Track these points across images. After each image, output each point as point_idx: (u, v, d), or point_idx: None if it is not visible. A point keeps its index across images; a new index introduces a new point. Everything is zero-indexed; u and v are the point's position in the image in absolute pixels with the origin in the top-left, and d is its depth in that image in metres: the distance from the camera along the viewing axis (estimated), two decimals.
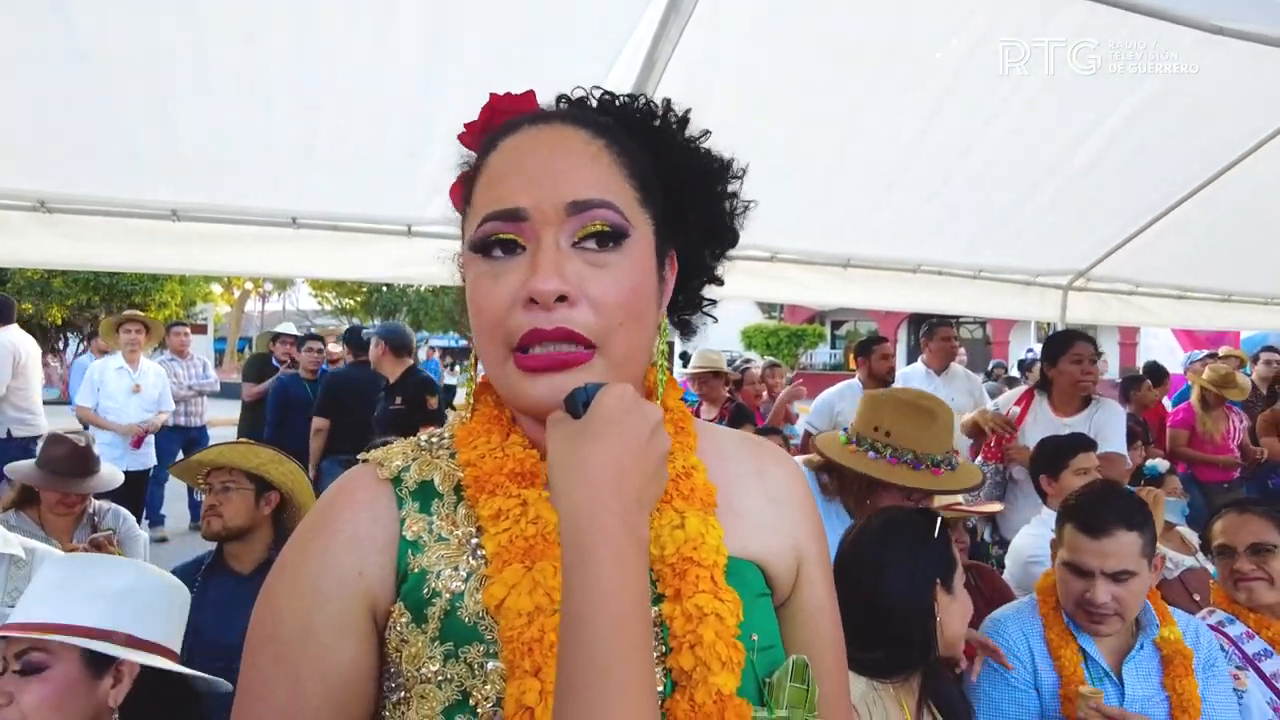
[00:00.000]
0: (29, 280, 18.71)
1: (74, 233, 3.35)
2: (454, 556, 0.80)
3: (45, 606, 1.55)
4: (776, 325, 28.97)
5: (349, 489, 0.85)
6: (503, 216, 0.78)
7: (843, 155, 3.52)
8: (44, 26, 2.42)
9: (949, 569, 1.82)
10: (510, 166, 0.81)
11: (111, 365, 6.37)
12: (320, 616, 0.77)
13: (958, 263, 4.65)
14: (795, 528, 0.93)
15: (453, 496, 0.84)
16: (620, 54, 2.79)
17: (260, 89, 2.78)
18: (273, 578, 0.82)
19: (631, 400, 0.73)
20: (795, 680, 0.81)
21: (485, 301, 0.79)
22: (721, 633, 0.76)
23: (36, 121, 2.86)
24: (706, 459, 0.90)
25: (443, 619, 0.77)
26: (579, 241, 0.78)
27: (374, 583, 0.79)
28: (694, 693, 0.74)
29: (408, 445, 0.90)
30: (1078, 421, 3.66)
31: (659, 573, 0.80)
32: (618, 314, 0.78)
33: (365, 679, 0.79)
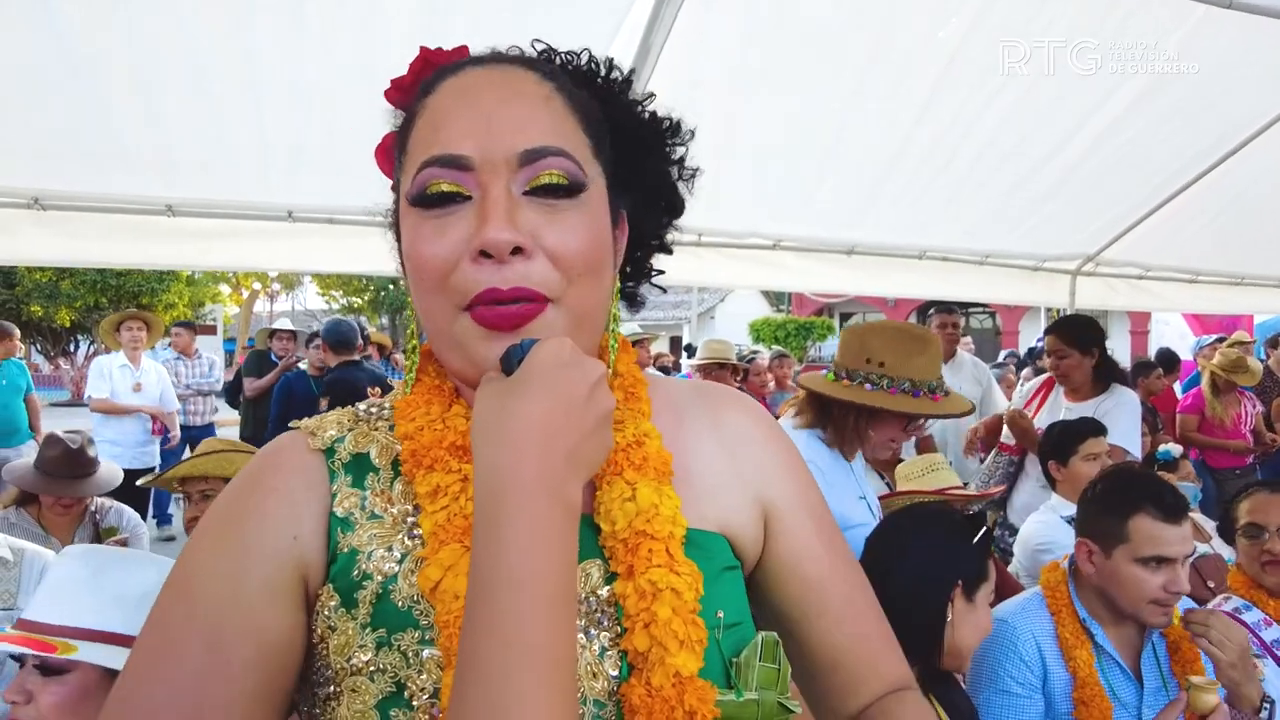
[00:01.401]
0: (37, 283, 18.84)
1: (69, 230, 3.34)
2: (388, 536, 0.74)
3: (67, 606, 1.53)
4: (784, 318, 28.88)
5: (277, 455, 0.78)
6: (444, 163, 0.71)
7: (842, 139, 3.47)
8: (33, 24, 2.39)
9: (976, 577, 1.75)
10: (453, 107, 0.73)
11: (115, 363, 6.39)
12: (248, 581, 0.70)
13: (963, 248, 4.58)
14: (759, 473, 0.86)
15: (389, 471, 0.78)
16: (614, 41, 2.75)
17: (251, 81, 2.75)
18: (190, 542, 0.75)
19: (569, 354, 0.67)
20: (765, 659, 0.74)
21: (428, 256, 0.71)
22: (679, 609, 0.70)
23: (29, 119, 2.84)
24: (661, 420, 0.83)
25: (374, 603, 0.71)
26: (530, 191, 0.72)
27: (307, 551, 0.73)
28: (650, 675, 0.69)
29: (345, 414, 0.83)
30: (1085, 408, 3.61)
31: (611, 549, 0.74)
32: (576, 265, 0.72)
33: (296, 653, 0.71)
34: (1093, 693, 1.86)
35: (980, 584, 1.75)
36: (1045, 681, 1.93)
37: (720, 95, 3.13)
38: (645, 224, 0.87)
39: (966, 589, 1.74)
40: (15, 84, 2.64)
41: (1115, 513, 1.91)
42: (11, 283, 19.16)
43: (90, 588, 1.56)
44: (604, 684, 0.70)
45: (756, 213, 4.05)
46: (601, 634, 0.72)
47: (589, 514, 0.76)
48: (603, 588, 0.74)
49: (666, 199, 0.88)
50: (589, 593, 0.74)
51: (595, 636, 0.72)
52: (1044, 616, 1.99)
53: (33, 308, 19.43)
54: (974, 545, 1.77)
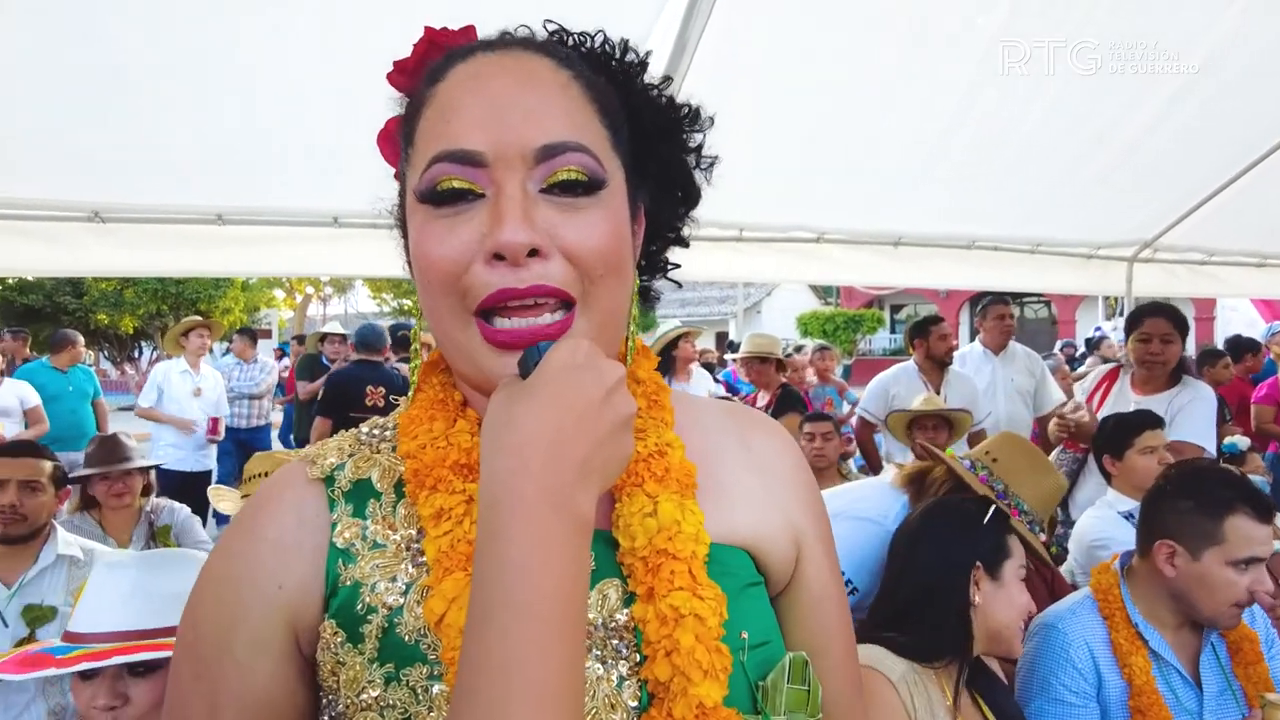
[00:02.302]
0: (103, 293, 19.56)
1: (126, 241, 3.46)
2: (391, 565, 0.70)
3: (129, 611, 1.59)
4: (833, 311, 28.52)
5: (274, 491, 0.75)
6: (456, 158, 0.67)
7: (884, 128, 3.39)
8: (86, 43, 2.47)
9: (996, 555, 1.75)
10: (464, 97, 0.69)
11: (175, 369, 6.59)
12: (238, 633, 0.69)
13: (1013, 237, 4.45)
14: (788, 503, 0.82)
15: (392, 495, 0.74)
16: (650, 35, 2.73)
17: (294, 89, 2.79)
18: (195, 586, 0.74)
19: (585, 356, 0.63)
20: (794, 681, 0.70)
21: (437, 256, 0.67)
22: (702, 636, 0.66)
23: (87, 136, 2.94)
24: (686, 434, 0.79)
25: (380, 637, 0.68)
26: (547, 189, 0.67)
27: (296, 596, 0.70)
28: (672, 706, 0.65)
29: (346, 439, 0.79)
30: (1156, 402, 3.46)
31: (630, 568, 0.70)
32: (597, 264, 0.68)
33: (284, 704, 0.70)
34: (1150, 701, 1.78)
35: (1003, 561, 1.75)
36: (1099, 689, 1.86)
37: (759, 86, 3.10)
38: (661, 215, 0.83)
39: (989, 568, 1.74)
40: (73, 103, 2.74)
41: (1209, 513, 1.82)
42: (80, 293, 19.94)
43: (147, 590, 1.62)
44: (623, 715, 0.67)
45: (799, 205, 3.99)
46: (620, 663, 0.68)
47: (607, 529, 0.73)
48: (621, 611, 0.70)
49: (683, 189, 0.83)
50: (606, 616, 0.70)
51: (614, 665, 0.68)
52: (1096, 621, 1.91)
53: (99, 316, 20.19)
54: (986, 525, 1.78)
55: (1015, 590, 1.74)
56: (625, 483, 0.73)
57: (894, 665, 1.62)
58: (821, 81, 3.08)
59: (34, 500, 2.45)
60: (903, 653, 1.64)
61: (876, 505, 2.27)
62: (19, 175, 3.13)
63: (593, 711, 0.66)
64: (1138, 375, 3.71)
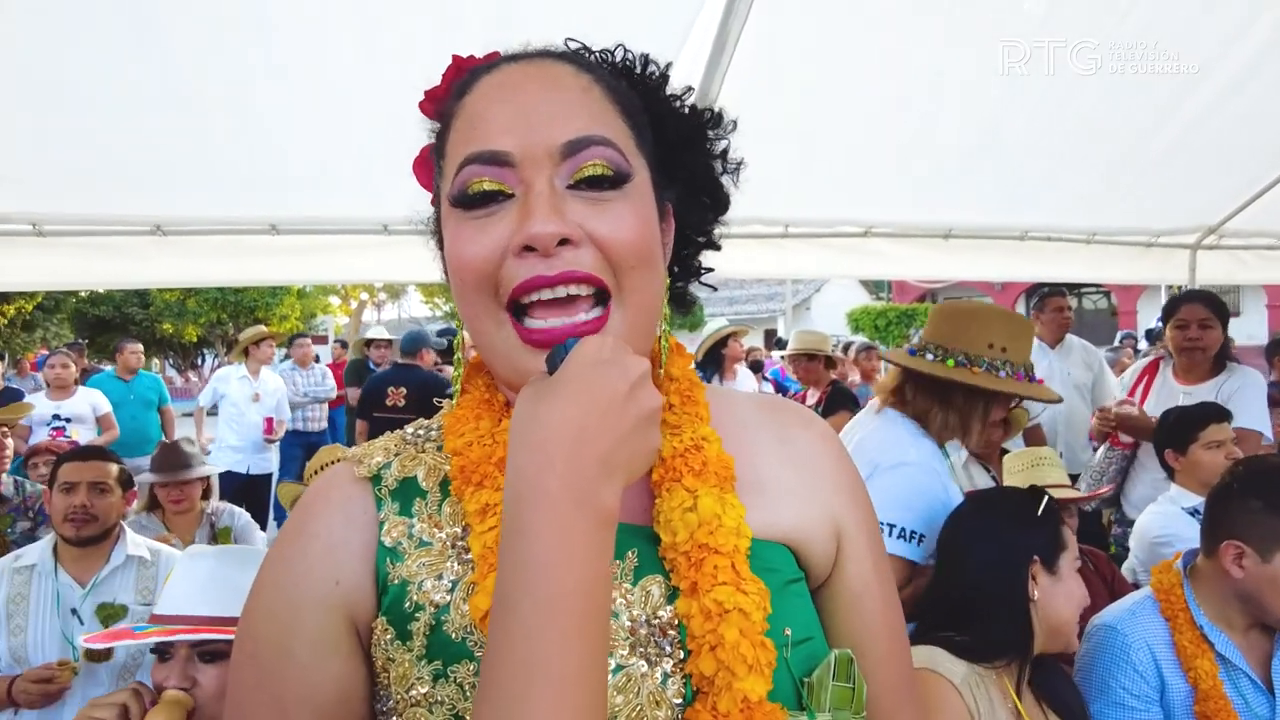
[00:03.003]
0: (167, 303, 20.26)
1: (186, 252, 3.59)
2: (437, 563, 0.71)
3: (208, 598, 1.68)
4: (884, 306, 28.06)
5: (322, 491, 0.77)
6: (484, 159, 0.69)
7: (930, 117, 3.32)
8: (147, 68, 2.57)
9: (1052, 549, 1.72)
10: (491, 103, 0.71)
11: (235, 375, 6.82)
12: (298, 635, 0.70)
13: (1068, 226, 4.33)
14: (828, 495, 0.81)
15: (438, 493, 0.75)
16: (689, 35, 2.73)
17: (344, 102, 2.86)
18: (251, 592, 0.75)
19: (610, 352, 0.64)
20: (839, 678, 0.70)
21: (469, 255, 0.69)
22: (746, 630, 0.66)
23: (148, 153, 3.06)
24: (723, 428, 0.79)
25: (428, 635, 0.69)
26: (574, 185, 0.69)
27: (351, 592, 0.71)
28: (717, 701, 0.65)
29: (392, 439, 0.81)
30: (1203, 390, 3.36)
31: (673, 563, 0.70)
32: (629, 255, 0.69)
33: (355, 699, 0.71)
34: (1217, 706, 1.71)
35: (1059, 554, 1.72)
36: (1163, 693, 1.79)
37: (800, 82, 3.07)
38: (691, 220, 0.84)
39: (1046, 562, 1.70)
40: (134, 122, 2.85)
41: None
42: (146, 303, 20.71)
43: (224, 581, 1.71)
44: (667, 712, 0.67)
45: (845, 199, 3.94)
46: (664, 659, 0.69)
47: (649, 525, 0.73)
48: (664, 607, 0.70)
49: (711, 193, 0.84)
50: (650, 612, 0.70)
51: (658, 661, 0.68)
52: (1157, 622, 1.84)
53: (164, 326, 20.92)
54: (1041, 517, 1.74)
55: (1073, 584, 1.71)
56: (664, 478, 0.73)
57: (954, 667, 1.58)
58: (865, 74, 3.04)
59: (103, 501, 2.55)
60: (962, 653, 1.60)
61: (896, 443, 2.19)
62: (87, 194, 3.28)
63: (637, 707, 0.66)
64: (1179, 364, 3.60)
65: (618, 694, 0.66)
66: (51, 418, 5.92)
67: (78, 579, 2.51)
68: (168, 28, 2.44)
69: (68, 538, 2.51)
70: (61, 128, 2.85)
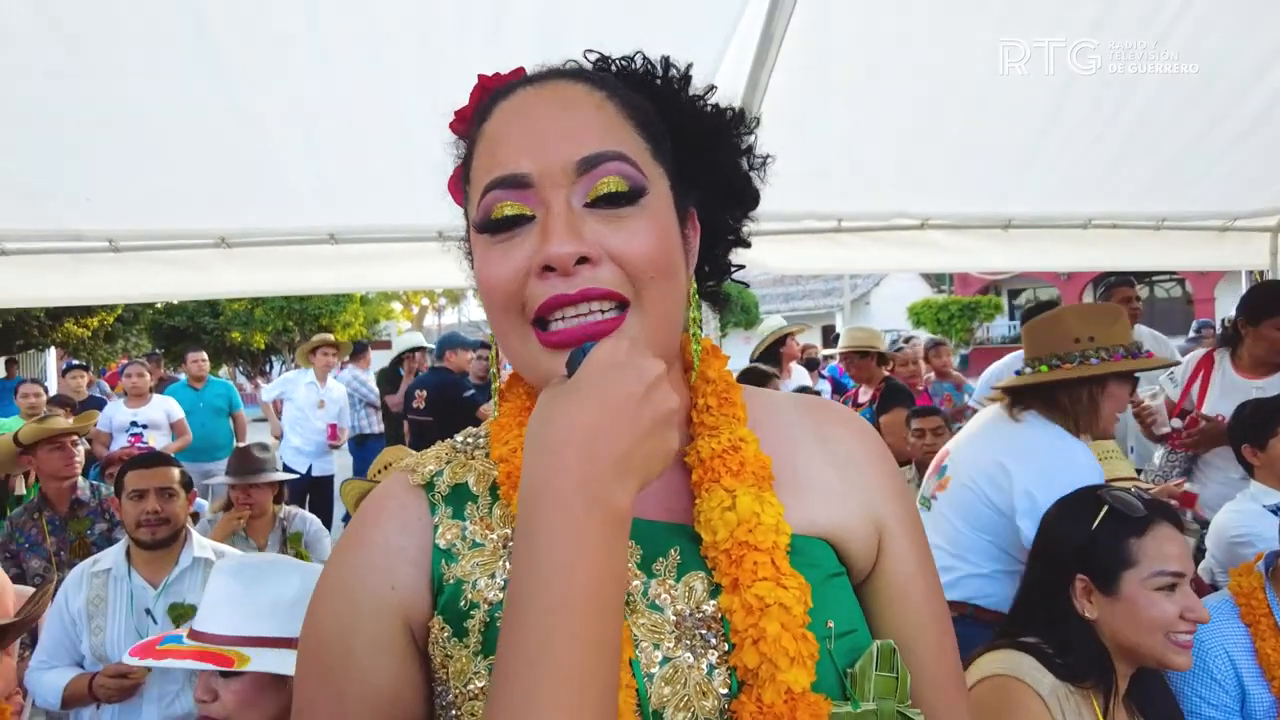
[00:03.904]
0: (235, 313, 20.98)
1: (250, 263, 3.71)
2: (489, 563, 0.75)
3: (233, 617, 1.72)
4: (946, 299, 27.44)
5: (379, 500, 0.81)
6: (505, 184, 0.71)
7: (986, 104, 3.21)
8: (208, 83, 2.66)
9: (1107, 566, 1.56)
10: (508, 128, 0.74)
11: (303, 380, 7.04)
12: (358, 635, 0.74)
13: (1135, 213, 4.16)
14: (868, 492, 0.83)
15: (488, 497, 0.79)
16: (736, 30, 2.71)
17: (396, 114, 2.92)
18: (314, 595, 0.79)
19: (623, 355, 0.65)
20: (882, 668, 0.72)
21: (495, 276, 0.72)
22: (788, 624, 0.68)
23: (213, 170, 3.18)
24: (761, 429, 0.81)
25: (483, 631, 0.72)
26: (592, 203, 0.71)
27: (407, 596, 0.75)
28: (761, 692, 0.67)
29: (443, 448, 0.85)
30: (1273, 384, 3.18)
31: (714, 561, 0.73)
32: (646, 268, 0.71)
33: (409, 695, 0.75)
34: None
35: (1120, 571, 1.55)
36: (1243, 704, 1.69)
37: (851, 74, 3.02)
38: (718, 219, 0.86)
39: (1099, 580, 1.56)
40: (199, 141, 2.97)
41: None
42: (217, 313, 21.48)
43: (248, 599, 1.74)
44: (714, 702, 0.69)
45: (900, 191, 3.86)
46: (709, 652, 0.71)
47: (690, 525, 0.75)
48: (708, 602, 0.73)
49: (738, 191, 0.85)
50: (694, 607, 0.72)
51: (703, 654, 0.71)
52: (1236, 628, 1.75)
53: (233, 334, 21.66)
54: (1095, 531, 1.59)
55: (1144, 603, 1.54)
56: (703, 478, 0.76)
57: (1043, 679, 1.50)
58: (916, 64, 2.97)
59: (171, 505, 2.67)
60: (1050, 666, 1.52)
61: (1058, 445, 2.28)
62: (157, 210, 3.42)
63: (684, 698, 0.69)
64: (1246, 358, 3.40)
65: (665, 685, 0.69)
66: (130, 424, 6.19)
67: (150, 581, 2.63)
68: (229, 50, 2.54)
69: (142, 542, 2.63)
70: (131, 149, 2.98)
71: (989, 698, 1.49)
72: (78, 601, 2.55)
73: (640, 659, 0.69)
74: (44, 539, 3.32)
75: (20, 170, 3.08)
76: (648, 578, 0.73)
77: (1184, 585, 1.55)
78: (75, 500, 3.47)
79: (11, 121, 2.80)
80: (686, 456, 0.79)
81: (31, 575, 3.21)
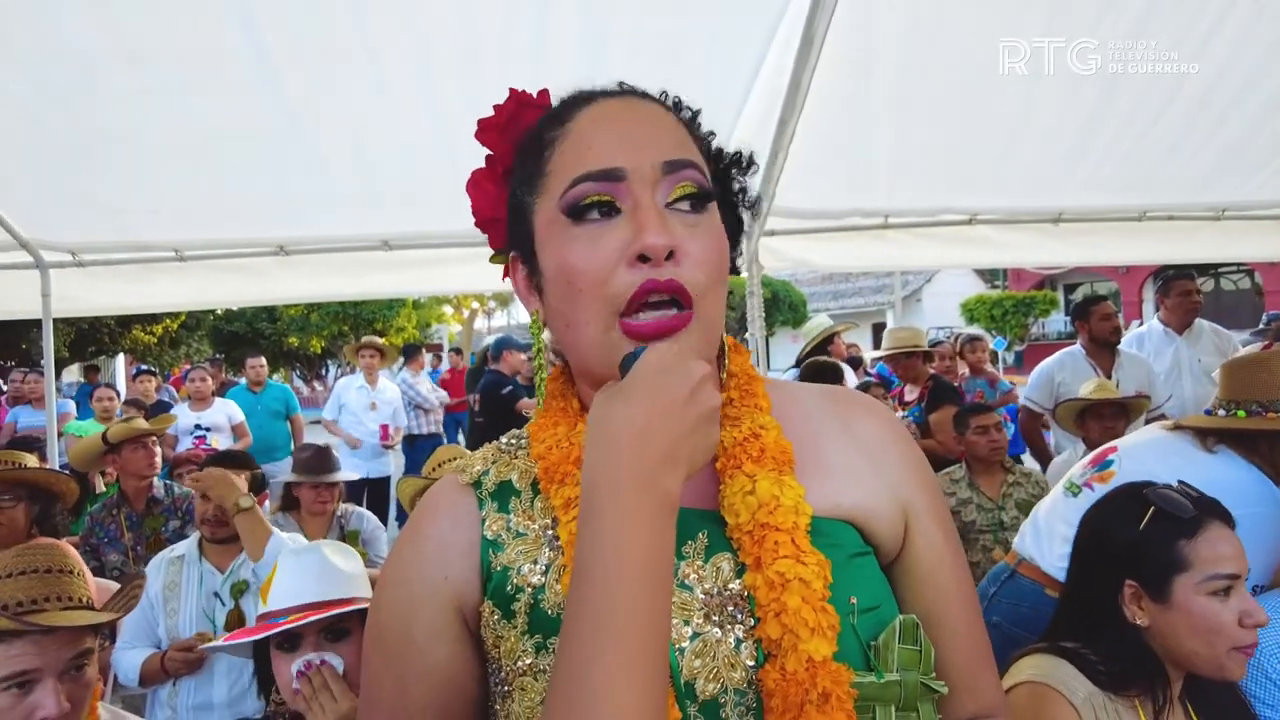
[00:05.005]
0: (292, 318, 21.54)
1: (306, 270, 3.85)
2: (532, 550, 0.81)
3: (315, 590, 1.80)
4: (1000, 294, 26.81)
5: (432, 499, 0.89)
6: (599, 177, 0.77)
7: (1033, 97, 3.16)
8: (266, 97, 2.78)
9: (1157, 571, 1.49)
10: (598, 129, 0.80)
11: (354, 384, 7.20)
12: (416, 622, 0.82)
13: (1192, 203, 4.04)
14: (893, 476, 0.87)
15: (530, 492, 0.85)
16: (780, 24, 2.72)
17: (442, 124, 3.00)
18: (378, 586, 0.88)
19: (671, 359, 0.72)
20: (906, 641, 0.76)
21: (585, 264, 0.77)
22: (808, 597, 0.73)
23: (272, 181, 3.31)
24: (788, 419, 0.86)
25: (529, 613, 0.78)
26: (672, 203, 0.78)
27: (459, 585, 0.82)
28: (784, 661, 0.72)
29: (489, 450, 0.92)
30: None
31: (738, 542, 0.78)
32: (714, 272, 0.78)
33: (463, 676, 0.82)
34: None
35: (1171, 576, 1.47)
36: None
37: (895, 70, 3.01)
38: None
39: (1149, 586, 1.49)
40: (260, 155, 3.10)
41: None
42: (274, 318, 22.09)
43: (323, 571, 1.84)
44: (742, 673, 0.74)
45: (947, 186, 3.82)
46: (736, 626, 0.76)
47: (716, 510, 0.81)
48: (734, 581, 0.78)
49: (733, 226, 0.91)
50: (721, 586, 0.78)
51: (730, 629, 0.76)
52: None
53: (290, 339, 22.25)
54: (1143, 534, 1.51)
55: (1197, 609, 1.45)
56: (726, 466, 0.81)
57: (1078, 687, 1.45)
58: (962, 58, 2.95)
59: None
60: (1091, 674, 1.47)
61: (1233, 485, 2.04)
62: (220, 220, 3.57)
63: (714, 669, 0.74)
64: None
65: (696, 658, 0.74)
66: (194, 427, 6.42)
67: (218, 566, 2.80)
68: (287, 70, 2.65)
69: (205, 537, 2.82)
70: (196, 164, 3.13)
71: (1021, 703, 1.46)
72: (155, 586, 2.73)
73: (671, 635, 0.73)
74: (122, 534, 3.49)
75: (95, 187, 3.25)
76: (678, 560, 0.78)
77: (1239, 587, 1.48)
78: (151, 498, 3.63)
79: (88, 142, 2.96)
80: None
81: (110, 569, 3.38)
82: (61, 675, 1.52)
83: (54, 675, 1.51)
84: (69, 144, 2.96)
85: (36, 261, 3.64)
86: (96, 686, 1.65)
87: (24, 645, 1.49)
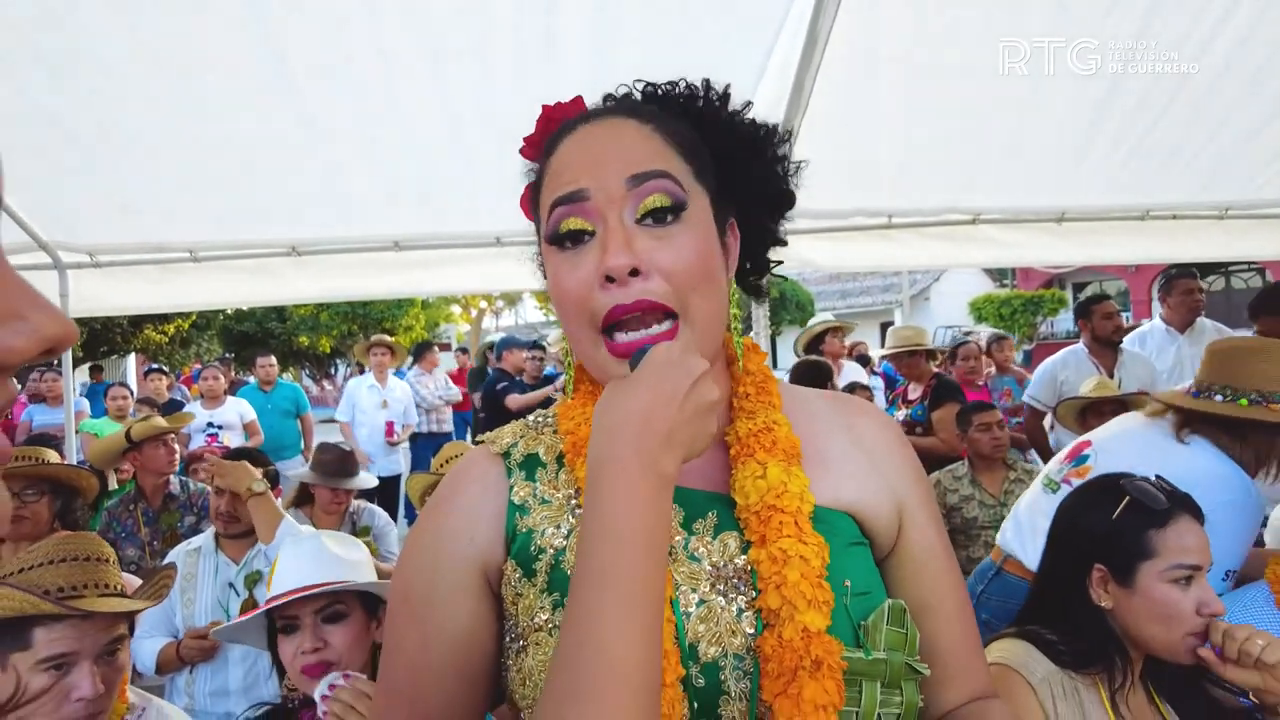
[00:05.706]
0: (302, 318, 21.66)
1: (318, 271, 3.91)
2: (556, 516, 0.88)
3: (315, 572, 1.86)
4: (1009, 293, 26.67)
5: (465, 466, 0.97)
6: (568, 200, 0.84)
7: (1037, 94, 3.19)
8: (278, 97, 2.83)
9: (1124, 557, 1.56)
10: (571, 155, 0.87)
11: (365, 384, 7.28)
12: (441, 580, 0.88)
13: (1196, 202, 4.06)
14: (890, 475, 0.94)
15: (555, 465, 0.93)
16: (783, 24, 2.76)
17: (456, 128, 3.06)
18: (405, 547, 0.94)
19: (677, 355, 0.78)
20: (893, 624, 0.82)
21: (565, 287, 0.84)
22: (806, 573, 0.79)
23: (284, 182, 3.36)
24: (795, 417, 0.93)
25: (549, 572, 0.85)
26: (641, 219, 0.83)
27: (484, 546, 0.89)
28: (781, 630, 0.78)
29: (517, 425, 1.00)
30: None
31: (745, 521, 0.84)
32: (689, 280, 0.83)
33: (483, 633, 0.88)
34: None
35: (1137, 563, 1.54)
36: None
37: (898, 71, 3.04)
38: (758, 221, 0.98)
39: (1116, 571, 1.56)
40: (273, 156, 3.15)
41: None
42: (284, 318, 22.19)
43: (323, 556, 1.90)
44: (742, 640, 0.81)
45: (950, 186, 3.85)
46: (739, 597, 0.82)
47: (727, 493, 0.88)
48: (739, 556, 0.84)
49: (774, 196, 0.97)
50: (727, 560, 0.84)
51: (733, 599, 0.82)
52: (1271, 618, 1.72)
53: (300, 339, 22.36)
54: (1115, 521, 1.59)
55: (1158, 595, 1.53)
56: (740, 453, 0.88)
57: (1036, 667, 1.52)
58: (965, 58, 2.97)
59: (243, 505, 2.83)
60: (1053, 654, 1.54)
61: (1228, 478, 2.12)
62: (233, 221, 3.63)
63: (717, 634, 0.80)
64: None
65: (701, 623, 0.81)
66: (206, 425, 6.50)
67: (233, 558, 2.89)
68: (300, 73, 2.70)
69: (219, 532, 2.91)
70: (210, 166, 3.18)
71: None
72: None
73: (680, 600, 0.81)
74: (139, 529, 3.57)
75: (112, 189, 3.32)
76: (688, 535, 0.86)
77: (1200, 578, 1.55)
78: (168, 494, 3.71)
79: (106, 145, 3.02)
80: (726, 436, 0.92)
81: (126, 563, 3.44)
82: (97, 659, 1.59)
83: (90, 658, 1.57)
84: (88, 147, 3.03)
85: (55, 262, 3.71)
86: (126, 671, 1.71)
87: (64, 629, 1.55)
